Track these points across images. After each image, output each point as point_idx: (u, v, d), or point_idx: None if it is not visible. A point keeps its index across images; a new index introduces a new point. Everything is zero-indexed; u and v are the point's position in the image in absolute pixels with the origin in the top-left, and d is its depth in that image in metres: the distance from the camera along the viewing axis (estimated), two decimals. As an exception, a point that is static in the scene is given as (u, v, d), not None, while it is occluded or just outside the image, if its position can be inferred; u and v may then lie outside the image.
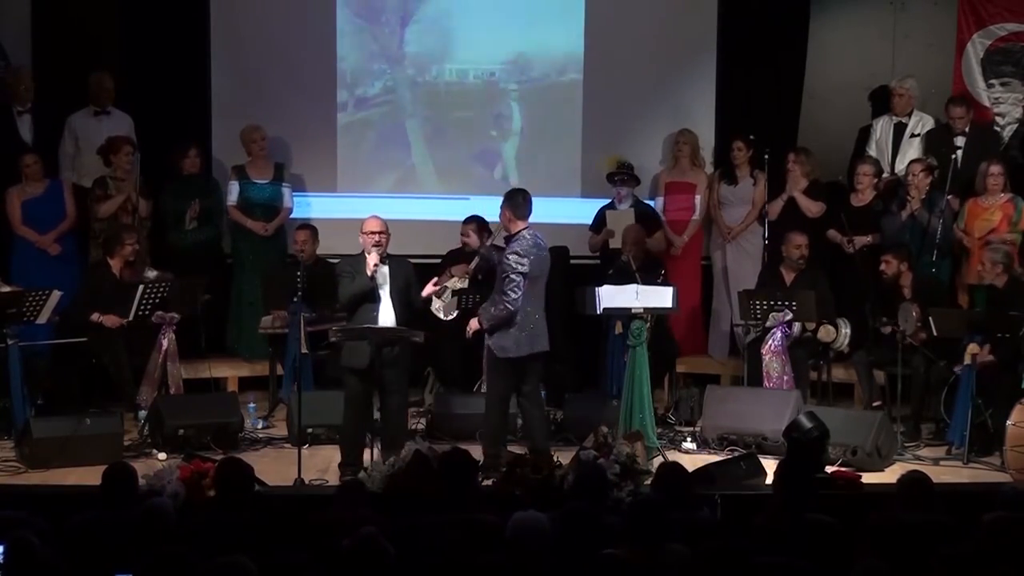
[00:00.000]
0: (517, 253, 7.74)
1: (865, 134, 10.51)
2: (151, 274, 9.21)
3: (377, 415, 7.91)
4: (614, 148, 10.64)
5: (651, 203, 10.50)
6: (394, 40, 10.72)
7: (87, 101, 10.17)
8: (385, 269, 7.81)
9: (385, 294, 7.80)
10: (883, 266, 9.17)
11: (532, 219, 9.57)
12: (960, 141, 10.00)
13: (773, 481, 6.34)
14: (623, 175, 10.20)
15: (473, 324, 7.98)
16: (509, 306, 7.70)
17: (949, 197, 9.62)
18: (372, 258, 7.74)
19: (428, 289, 8.12)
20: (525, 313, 7.75)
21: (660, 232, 10.26)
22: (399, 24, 10.72)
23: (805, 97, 10.81)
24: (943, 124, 10.22)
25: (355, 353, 7.73)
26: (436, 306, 9.40)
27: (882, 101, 10.51)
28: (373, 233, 7.80)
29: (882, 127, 10.35)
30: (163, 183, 10.09)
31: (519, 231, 7.86)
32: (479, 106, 10.81)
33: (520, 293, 7.69)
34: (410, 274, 7.98)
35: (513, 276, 7.71)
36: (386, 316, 7.79)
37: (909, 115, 10.27)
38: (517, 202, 7.91)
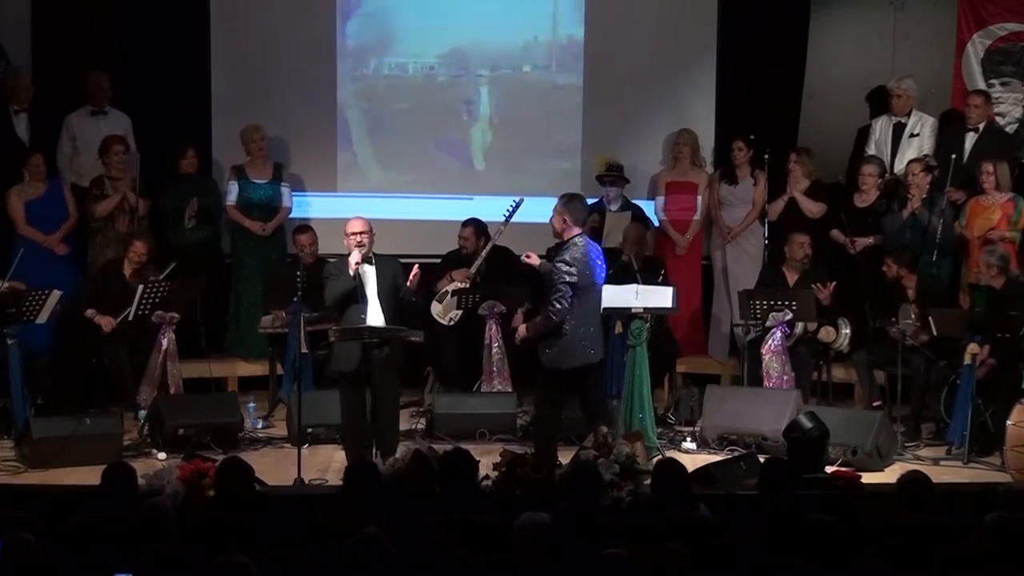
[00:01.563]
0: (566, 262, 7.60)
1: (864, 134, 10.50)
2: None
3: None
4: (614, 148, 10.63)
5: (651, 203, 10.50)
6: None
7: (85, 101, 10.17)
8: (371, 269, 7.75)
9: (372, 294, 7.74)
10: (884, 268, 9.18)
11: (531, 219, 9.64)
12: (971, 137, 9.99)
13: (758, 483, 6.35)
14: (612, 176, 10.17)
15: (521, 331, 7.91)
16: (553, 316, 7.60)
17: (949, 189, 9.62)
18: (353, 257, 7.67)
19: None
20: (574, 324, 7.64)
21: (649, 233, 10.22)
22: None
23: (805, 97, 10.80)
24: (957, 117, 10.20)
25: (343, 356, 7.72)
26: (436, 310, 9.43)
27: (881, 101, 10.51)
28: (355, 234, 7.74)
29: (881, 127, 10.35)
30: (162, 183, 10.09)
31: (572, 238, 7.71)
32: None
33: (567, 303, 7.56)
34: (398, 273, 7.86)
35: (560, 286, 7.57)
36: (374, 317, 7.73)
37: (908, 115, 10.26)
38: (576, 207, 7.77)
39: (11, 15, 10.30)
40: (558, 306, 7.58)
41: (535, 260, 7.89)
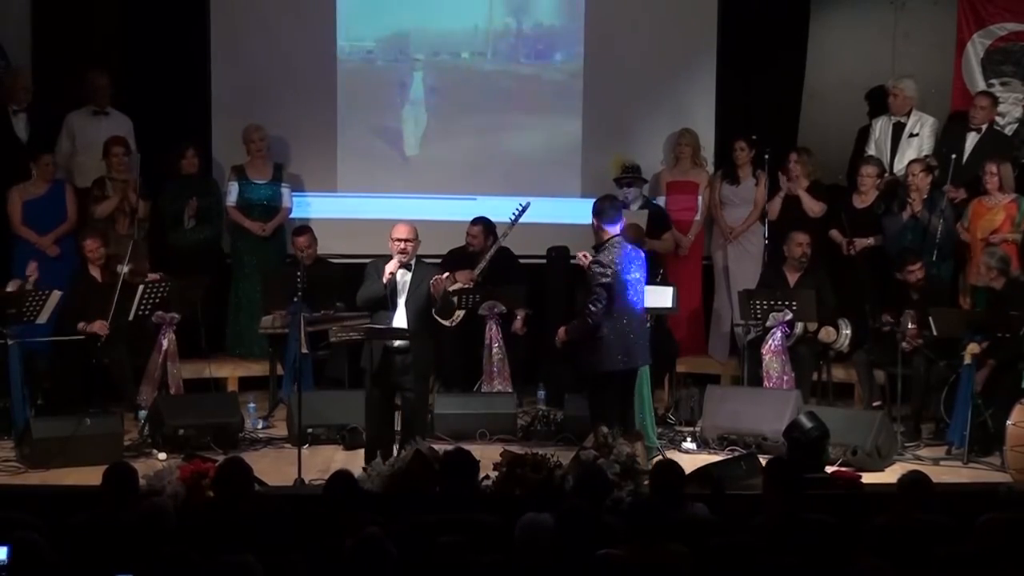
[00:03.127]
0: (600, 263, 7.60)
1: (864, 134, 10.50)
2: (122, 269, 9.08)
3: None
4: (614, 148, 10.63)
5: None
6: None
7: (85, 101, 10.16)
8: (407, 276, 7.71)
9: (402, 301, 7.72)
10: (918, 276, 9.02)
11: (532, 219, 9.63)
12: (972, 138, 9.99)
13: (763, 480, 6.35)
14: (629, 177, 10.16)
15: (560, 334, 7.89)
16: (589, 318, 7.59)
17: (948, 188, 9.61)
18: (391, 265, 7.64)
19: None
20: (612, 327, 7.61)
21: (669, 233, 10.22)
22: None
23: (805, 97, 10.81)
24: (960, 117, 10.20)
25: (367, 356, 7.72)
26: (437, 310, 9.40)
27: (880, 101, 10.51)
28: (399, 240, 7.68)
29: (881, 127, 10.34)
30: (162, 184, 10.09)
31: (608, 240, 7.71)
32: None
33: (602, 305, 7.55)
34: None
35: (595, 288, 7.56)
36: (399, 324, 7.71)
37: (908, 115, 10.26)
38: (605, 208, 7.77)
39: (11, 15, 10.29)
40: (592, 308, 7.58)
41: (586, 262, 7.82)
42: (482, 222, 9.80)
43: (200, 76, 10.44)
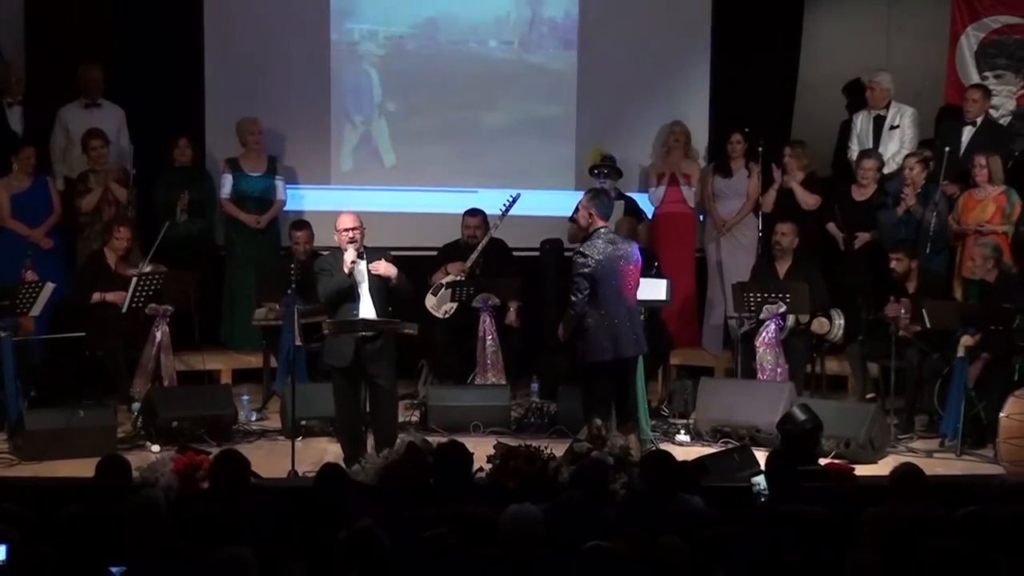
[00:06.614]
0: (582, 253, 7.61)
1: (846, 129, 10.52)
2: (141, 267, 9.17)
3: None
4: (607, 140, 10.62)
5: (643, 195, 10.50)
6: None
7: (79, 93, 10.14)
8: (363, 265, 7.68)
9: (364, 291, 7.70)
10: (893, 264, 9.06)
11: (524, 212, 9.64)
12: (968, 131, 10.00)
13: (764, 472, 6.36)
14: (606, 167, 10.14)
15: (560, 330, 7.91)
16: (570, 309, 7.62)
17: (944, 183, 9.62)
18: (349, 255, 7.59)
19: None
20: (598, 318, 7.63)
21: (641, 225, 10.20)
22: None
23: (799, 89, 10.82)
24: (954, 110, 10.21)
25: (336, 351, 7.69)
26: (430, 303, 9.43)
27: (861, 95, 10.51)
28: (347, 230, 7.64)
29: (861, 121, 10.36)
30: (155, 174, 10.07)
31: (595, 230, 7.72)
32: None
33: (584, 295, 7.57)
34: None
35: (575, 278, 7.58)
36: (366, 312, 7.70)
37: (887, 107, 10.26)
38: (602, 201, 7.79)
39: (4, 7, 10.26)
40: (573, 299, 7.61)
41: None
42: (480, 213, 9.79)
43: (194, 68, 10.41)
